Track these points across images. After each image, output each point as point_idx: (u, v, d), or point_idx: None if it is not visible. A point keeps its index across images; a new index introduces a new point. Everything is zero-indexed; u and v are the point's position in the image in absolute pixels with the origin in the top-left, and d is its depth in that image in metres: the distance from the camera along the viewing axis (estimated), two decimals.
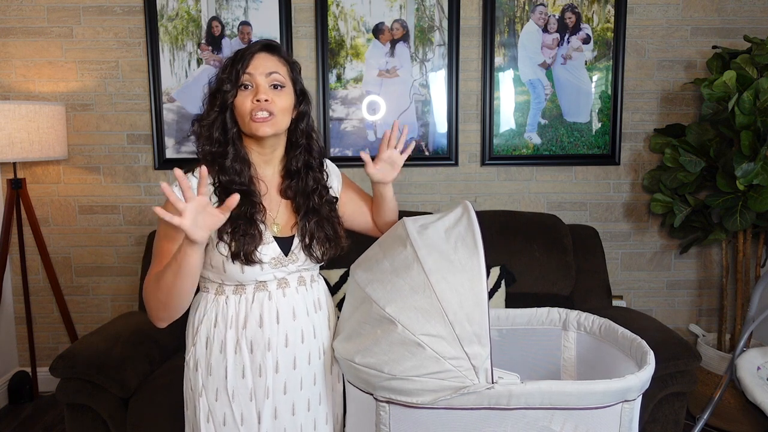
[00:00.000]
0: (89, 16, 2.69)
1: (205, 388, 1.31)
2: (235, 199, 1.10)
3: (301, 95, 1.37)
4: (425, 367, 1.17)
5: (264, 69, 1.29)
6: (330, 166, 1.49)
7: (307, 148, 1.39)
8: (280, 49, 1.36)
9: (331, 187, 1.46)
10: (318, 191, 1.39)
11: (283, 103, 1.31)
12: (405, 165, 2.84)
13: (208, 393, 1.31)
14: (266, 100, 1.27)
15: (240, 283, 1.31)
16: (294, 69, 1.37)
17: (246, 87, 1.29)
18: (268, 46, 1.33)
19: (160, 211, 1.03)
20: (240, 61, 1.29)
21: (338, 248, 1.40)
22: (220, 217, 1.12)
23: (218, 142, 1.30)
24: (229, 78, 1.29)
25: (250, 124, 1.28)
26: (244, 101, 1.28)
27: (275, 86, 1.30)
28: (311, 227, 1.35)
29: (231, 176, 1.28)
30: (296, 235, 1.35)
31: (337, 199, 1.46)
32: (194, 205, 1.07)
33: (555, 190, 2.83)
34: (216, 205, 1.27)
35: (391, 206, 1.53)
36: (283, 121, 1.32)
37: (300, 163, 1.38)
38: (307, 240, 1.35)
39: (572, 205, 2.84)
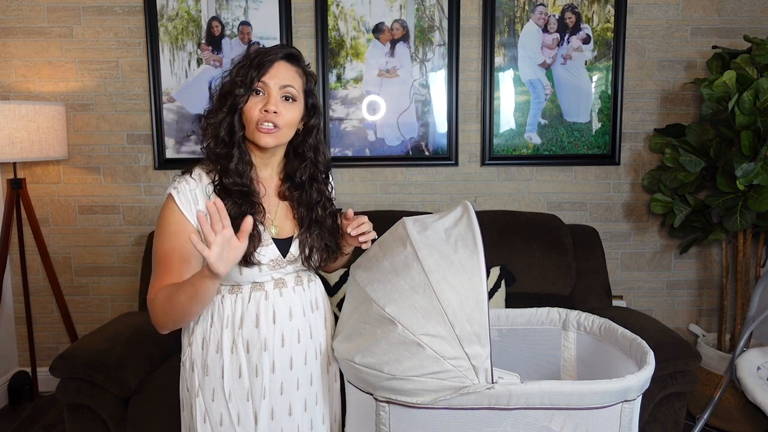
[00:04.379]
0: (89, 16, 2.69)
1: (201, 388, 1.31)
2: (249, 222, 1.12)
3: (311, 109, 1.36)
4: (425, 367, 1.17)
5: (280, 80, 1.28)
6: (331, 180, 1.49)
7: (313, 161, 1.39)
8: (301, 59, 1.34)
9: (335, 199, 1.46)
10: (322, 203, 1.39)
11: (291, 116, 1.30)
12: (406, 165, 2.86)
13: (205, 393, 1.31)
14: (275, 112, 1.26)
15: (237, 283, 1.31)
16: (309, 81, 1.35)
17: (258, 93, 1.28)
18: (289, 56, 1.31)
19: (193, 238, 1.07)
20: (258, 66, 1.27)
21: (336, 257, 1.41)
22: (241, 246, 1.13)
23: (224, 143, 1.29)
24: (244, 81, 1.26)
25: (254, 132, 1.28)
26: (253, 108, 1.27)
27: (286, 98, 1.29)
28: (312, 239, 1.35)
29: (234, 178, 1.28)
30: (296, 243, 1.35)
31: (340, 210, 1.46)
32: (221, 239, 1.09)
33: (555, 190, 2.83)
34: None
35: (342, 262, 1.52)
36: (288, 134, 1.32)
37: (305, 175, 1.38)
38: (306, 251, 1.35)
39: (572, 205, 2.84)
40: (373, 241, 1.39)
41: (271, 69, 1.27)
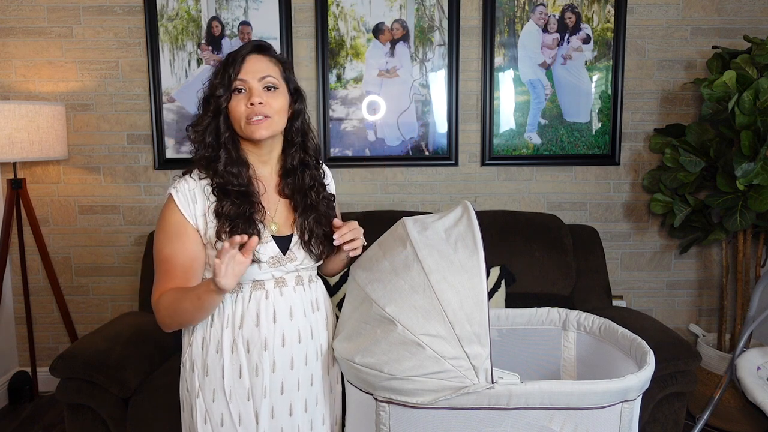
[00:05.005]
0: (89, 16, 2.69)
1: (201, 388, 1.31)
2: (254, 242, 1.15)
3: (295, 93, 1.37)
4: (425, 367, 1.17)
5: (256, 73, 1.29)
6: (327, 171, 1.49)
7: (302, 146, 1.39)
8: (271, 49, 1.35)
9: (328, 185, 1.46)
10: (315, 188, 1.40)
11: (278, 104, 1.31)
12: (406, 165, 2.86)
13: (205, 394, 1.31)
14: (260, 103, 1.27)
15: (237, 282, 1.31)
16: (286, 68, 1.36)
17: (239, 91, 1.29)
18: (258, 47, 1.33)
19: (216, 261, 1.13)
20: (231, 65, 1.29)
21: (334, 248, 1.40)
22: (245, 261, 1.16)
23: (211, 147, 1.31)
24: (222, 83, 1.28)
25: (246, 127, 1.28)
26: (238, 105, 1.28)
27: (269, 88, 1.30)
28: (309, 224, 1.36)
29: (226, 179, 1.29)
30: (294, 232, 1.36)
31: (334, 196, 1.47)
32: (228, 257, 1.13)
33: (555, 190, 2.83)
34: (214, 203, 1.29)
35: (341, 265, 1.52)
36: (280, 122, 1.32)
37: (296, 161, 1.39)
38: (306, 236, 1.35)
39: (572, 205, 2.84)
40: (365, 247, 1.39)
41: (244, 64, 1.29)
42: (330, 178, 1.49)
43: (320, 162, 1.45)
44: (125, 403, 1.96)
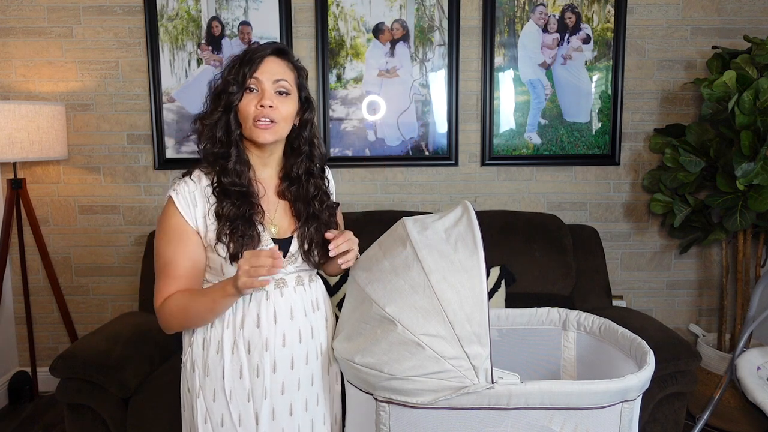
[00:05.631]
0: (89, 16, 2.69)
1: (202, 389, 1.32)
2: (280, 263, 1.13)
3: (305, 102, 1.37)
4: (425, 367, 1.17)
5: (272, 75, 1.28)
6: (330, 176, 1.49)
7: (309, 155, 1.39)
8: (291, 54, 1.35)
9: (332, 194, 1.46)
10: (318, 197, 1.39)
11: (287, 110, 1.30)
12: (406, 165, 2.86)
13: (206, 394, 1.31)
14: (270, 107, 1.27)
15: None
16: (301, 75, 1.36)
17: (251, 90, 1.28)
18: (278, 51, 1.32)
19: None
20: (249, 63, 1.28)
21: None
22: (268, 280, 1.17)
23: (221, 143, 1.30)
24: (236, 79, 1.27)
25: (252, 129, 1.28)
26: (248, 105, 1.28)
27: (281, 92, 1.30)
28: (311, 233, 1.35)
29: (233, 178, 1.29)
30: (295, 238, 1.36)
31: (337, 204, 1.46)
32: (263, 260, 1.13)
33: (555, 190, 2.83)
34: (215, 205, 1.29)
35: (339, 269, 1.48)
36: (285, 128, 1.32)
37: (301, 170, 1.38)
38: (306, 246, 1.35)
39: (572, 205, 2.84)
40: (361, 251, 1.39)
41: (261, 65, 1.28)
42: (331, 180, 1.49)
43: (325, 170, 1.45)
44: (125, 403, 1.96)
